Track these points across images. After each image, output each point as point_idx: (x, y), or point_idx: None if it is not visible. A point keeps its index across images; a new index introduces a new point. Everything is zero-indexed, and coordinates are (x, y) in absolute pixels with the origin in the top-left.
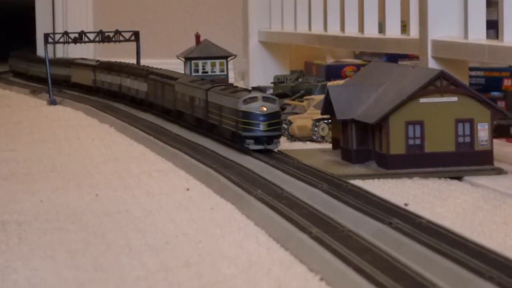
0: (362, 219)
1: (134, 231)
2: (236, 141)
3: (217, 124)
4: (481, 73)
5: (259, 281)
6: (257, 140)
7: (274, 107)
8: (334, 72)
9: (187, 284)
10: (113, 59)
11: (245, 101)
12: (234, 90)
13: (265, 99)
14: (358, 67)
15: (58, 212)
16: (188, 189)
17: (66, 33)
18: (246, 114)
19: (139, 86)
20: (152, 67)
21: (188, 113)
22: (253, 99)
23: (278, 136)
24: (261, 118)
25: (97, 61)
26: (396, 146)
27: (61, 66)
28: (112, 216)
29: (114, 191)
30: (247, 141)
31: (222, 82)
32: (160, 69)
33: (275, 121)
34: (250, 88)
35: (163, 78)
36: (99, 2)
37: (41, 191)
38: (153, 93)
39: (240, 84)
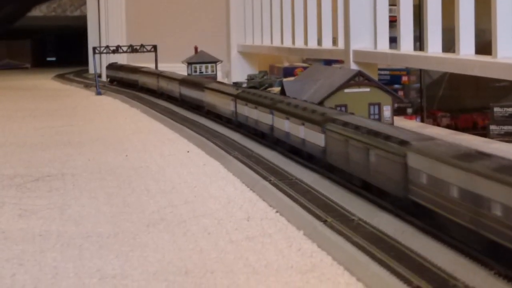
0: (304, 171)
1: (151, 180)
2: None
3: None
4: (387, 72)
5: (235, 213)
6: None
7: None
8: (289, 72)
9: (186, 215)
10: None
11: None
12: None
13: None
14: (305, 68)
15: (100, 167)
16: (188, 151)
17: (107, 46)
18: None
19: (309, 136)
20: (333, 110)
21: (464, 226)
22: None
23: None
24: None
25: (237, 87)
26: None
27: (194, 88)
28: (136, 170)
29: (138, 153)
30: None
31: None
32: (346, 113)
33: None
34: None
35: (367, 136)
36: (130, 25)
37: (89, 153)
38: (341, 154)
39: (225, 80)
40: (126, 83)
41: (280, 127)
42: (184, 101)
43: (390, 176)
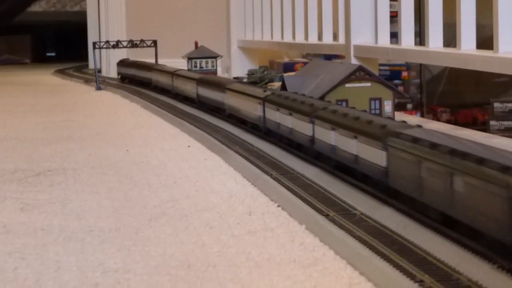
0: (306, 166)
1: (152, 174)
2: None
3: None
4: (387, 68)
5: (236, 207)
6: None
7: None
8: (289, 67)
9: (188, 210)
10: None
11: None
12: None
13: None
14: (305, 64)
15: (101, 162)
16: (189, 146)
17: (107, 41)
18: None
19: (364, 152)
20: (395, 121)
21: None
22: None
23: None
24: None
25: (265, 89)
26: None
27: (214, 89)
28: (137, 164)
29: (139, 148)
30: None
31: None
32: (413, 126)
33: None
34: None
35: (451, 158)
36: (130, 20)
37: (90, 148)
38: (411, 179)
39: (225, 75)
40: (138, 81)
41: (323, 139)
42: (202, 102)
43: (487, 214)
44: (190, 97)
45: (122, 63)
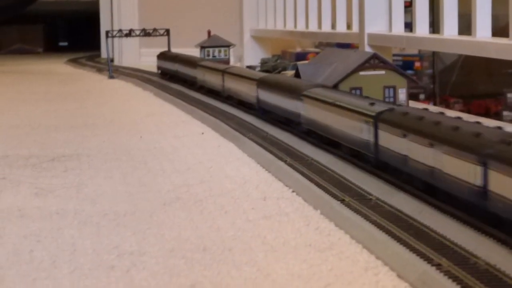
0: (319, 152)
1: (166, 160)
2: None
3: None
4: (400, 58)
5: (251, 192)
6: None
7: None
8: (302, 57)
9: (202, 195)
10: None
11: None
12: None
13: None
14: (317, 54)
15: (114, 148)
16: (202, 133)
17: (120, 30)
18: None
19: None
20: None
21: None
22: None
23: None
24: None
25: (371, 103)
26: None
27: (283, 95)
28: (151, 151)
29: (152, 135)
30: None
31: None
32: None
33: None
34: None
35: None
36: (142, 9)
37: (103, 135)
38: None
39: (238, 64)
40: (181, 78)
41: (509, 196)
42: (264, 110)
43: None
44: (247, 101)
45: (163, 56)
